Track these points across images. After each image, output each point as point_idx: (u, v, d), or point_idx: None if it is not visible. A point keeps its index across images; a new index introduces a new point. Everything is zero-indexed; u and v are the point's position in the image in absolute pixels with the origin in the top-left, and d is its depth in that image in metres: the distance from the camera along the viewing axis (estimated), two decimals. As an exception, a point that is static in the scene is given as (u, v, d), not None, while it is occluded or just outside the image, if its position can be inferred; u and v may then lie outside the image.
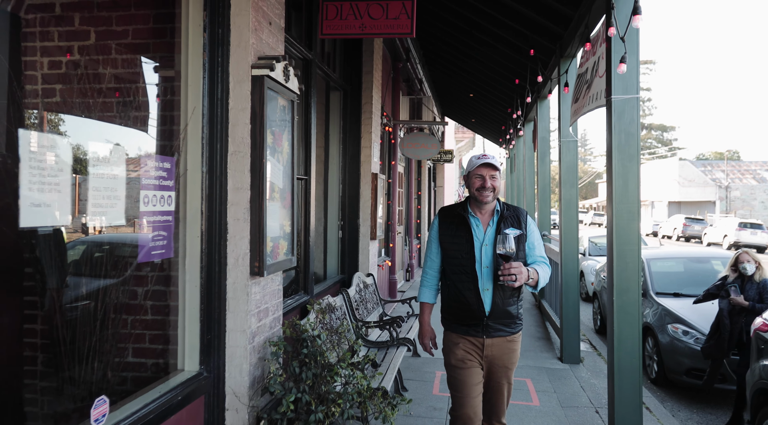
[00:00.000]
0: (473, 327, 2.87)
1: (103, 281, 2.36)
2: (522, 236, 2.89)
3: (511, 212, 2.96)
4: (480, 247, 2.87)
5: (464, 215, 2.92)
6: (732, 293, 4.80)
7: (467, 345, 2.90)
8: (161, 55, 3.23)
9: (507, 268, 2.69)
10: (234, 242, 2.95)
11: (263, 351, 3.15)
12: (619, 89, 3.81)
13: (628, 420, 3.77)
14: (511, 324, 2.91)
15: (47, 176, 1.84)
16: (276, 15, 3.33)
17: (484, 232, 2.90)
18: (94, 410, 2.08)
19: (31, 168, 1.77)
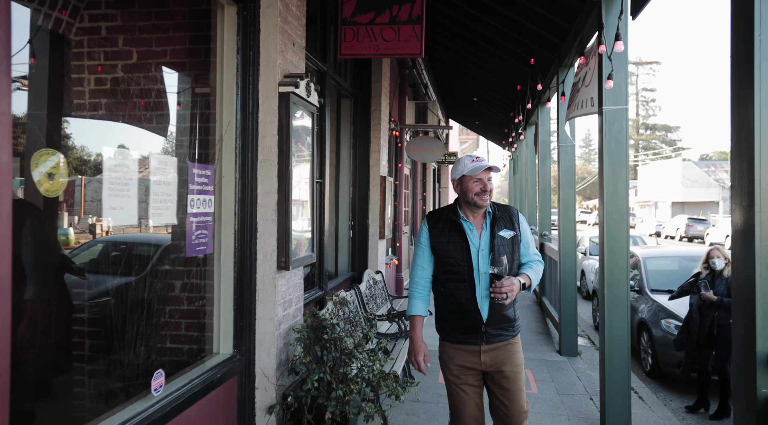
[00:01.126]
0: (472, 334, 2.78)
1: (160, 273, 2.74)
2: (516, 237, 2.83)
3: (503, 212, 2.87)
4: (477, 253, 2.76)
5: (457, 220, 2.81)
6: (702, 288, 5.15)
7: (464, 358, 2.82)
8: (196, 72, 3.60)
9: (499, 287, 2.63)
10: (263, 240, 3.33)
11: (288, 337, 3.52)
12: (610, 101, 4.17)
13: (617, 400, 4.13)
14: (510, 328, 2.83)
15: (121, 184, 2.22)
16: (298, 36, 3.70)
17: (479, 236, 2.79)
18: (154, 380, 2.47)
19: (110, 177, 2.15)
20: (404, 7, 3.85)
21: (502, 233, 2.78)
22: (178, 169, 2.75)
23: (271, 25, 3.32)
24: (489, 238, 2.77)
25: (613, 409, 4.16)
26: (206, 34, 3.49)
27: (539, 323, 8.24)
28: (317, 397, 3.16)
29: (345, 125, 6.49)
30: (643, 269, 7.82)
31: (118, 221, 2.25)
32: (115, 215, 2.21)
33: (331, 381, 3.18)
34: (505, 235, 2.78)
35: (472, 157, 2.84)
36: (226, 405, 3.11)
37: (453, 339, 2.85)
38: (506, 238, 2.79)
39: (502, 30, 6.74)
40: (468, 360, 2.82)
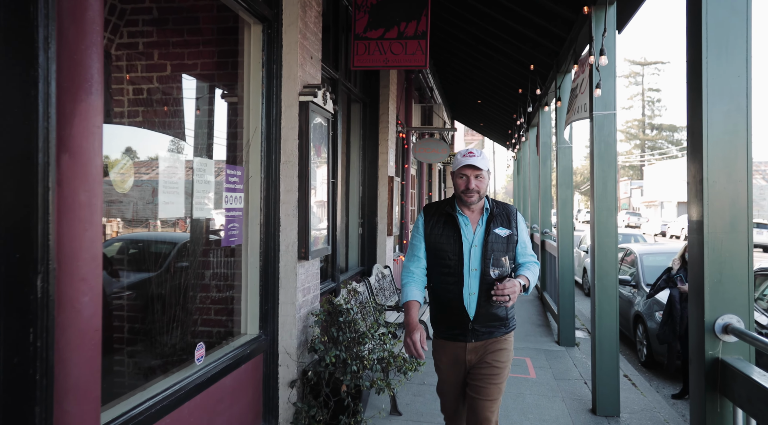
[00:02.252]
0: (460, 330, 2.74)
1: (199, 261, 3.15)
2: (512, 235, 2.77)
3: (500, 210, 2.81)
4: (469, 248, 2.70)
5: (452, 213, 2.77)
6: (678, 282, 5.51)
7: (453, 353, 2.79)
8: (224, 83, 4.01)
9: (501, 289, 2.56)
10: (285, 233, 3.73)
11: (307, 321, 3.92)
12: (599, 107, 4.55)
13: (607, 380, 4.51)
14: (500, 327, 2.76)
15: (172, 182, 2.62)
16: (315, 50, 4.11)
17: (473, 232, 2.74)
18: (197, 351, 2.87)
19: (164, 180, 2.56)
20: (411, 24, 4.26)
21: (497, 230, 2.72)
22: (213, 170, 3.15)
23: (292, 41, 3.72)
24: (483, 234, 2.71)
25: (603, 389, 4.54)
26: (233, 49, 3.89)
27: (540, 316, 8.61)
28: (334, 372, 3.56)
29: (355, 128, 6.89)
30: (639, 265, 8.18)
31: (170, 215, 2.66)
32: (168, 210, 2.62)
33: (347, 358, 3.57)
34: (500, 233, 2.72)
35: (464, 151, 2.77)
36: (254, 378, 3.51)
37: (443, 335, 2.82)
38: (501, 236, 2.73)
39: (504, 37, 7.12)
40: (457, 354, 2.78)
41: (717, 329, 2.26)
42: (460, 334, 2.75)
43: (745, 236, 2.26)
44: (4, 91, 1.74)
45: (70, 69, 1.81)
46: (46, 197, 1.77)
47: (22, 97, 1.74)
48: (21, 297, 1.75)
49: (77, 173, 1.83)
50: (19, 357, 1.76)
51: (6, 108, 1.74)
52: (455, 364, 2.80)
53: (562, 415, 4.56)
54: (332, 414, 3.57)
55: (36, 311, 1.75)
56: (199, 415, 2.81)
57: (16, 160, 1.74)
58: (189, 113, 3.66)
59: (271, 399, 3.66)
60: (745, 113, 2.26)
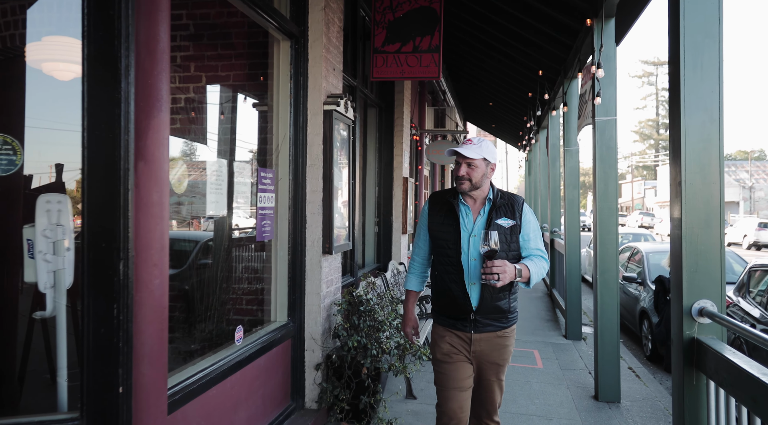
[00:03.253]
0: (461, 321, 2.72)
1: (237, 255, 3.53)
2: (515, 226, 2.71)
3: (505, 200, 2.75)
4: (468, 238, 2.68)
5: (453, 202, 2.74)
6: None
7: (454, 339, 2.76)
8: (254, 93, 4.40)
9: (489, 266, 2.52)
10: (311, 230, 4.10)
11: (330, 310, 4.29)
12: (601, 112, 4.87)
13: (608, 368, 4.83)
14: (502, 319, 2.73)
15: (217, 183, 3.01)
16: (337, 62, 4.48)
17: (473, 221, 2.72)
18: (237, 333, 3.26)
19: (212, 181, 2.94)
20: (425, 39, 4.62)
21: (500, 221, 2.68)
22: (249, 173, 3.53)
23: (317, 56, 4.09)
24: (484, 224, 2.68)
25: (605, 376, 4.87)
26: (263, 62, 4.27)
27: (549, 312, 8.93)
28: (356, 356, 3.92)
29: (371, 132, 7.26)
30: (646, 263, 8.46)
31: (216, 212, 3.04)
32: (214, 207, 3.00)
33: (367, 343, 3.93)
34: (503, 223, 2.68)
35: (465, 140, 2.78)
36: (283, 361, 3.89)
37: (444, 323, 2.81)
38: (504, 227, 2.68)
39: (513, 44, 7.45)
40: (458, 342, 2.76)
41: (693, 312, 2.59)
42: (461, 324, 2.72)
43: (717, 231, 2.59)
44: (94, 111, 2.13)
45: (145, 91, 2.20)
46: (126, 197, 2.15)
47: (107, 115, 2.13)
48: (107, 279, 2.14)
49: (150, 177, 2.21)
50: (105, 328, 2.14)
51: (95, 124, 2.13)
52: (458, 352, 2.76)
53: (566, 401, 4.89)
54: (354, 394, 3.94)
55: (119, 290, 2.14)
56: (238, 389, 3.19)
57: (103, 167, 2.13)
58: (225, 121, 4.05)
59: (298, 380, 4.04)
60: (718, 123, 2.59)
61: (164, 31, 2.25)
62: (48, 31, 2.76)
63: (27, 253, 2.47)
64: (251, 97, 4.37)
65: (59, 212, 2.54)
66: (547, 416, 4.50)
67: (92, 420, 2.15)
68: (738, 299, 5.42)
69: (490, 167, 2.75)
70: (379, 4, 4.80)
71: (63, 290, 2.46)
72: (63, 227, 2.48)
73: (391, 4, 4.76)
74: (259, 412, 3.48)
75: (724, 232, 2.61)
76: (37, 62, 2.75)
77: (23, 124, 2.56)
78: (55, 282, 2.47)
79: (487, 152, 2.72)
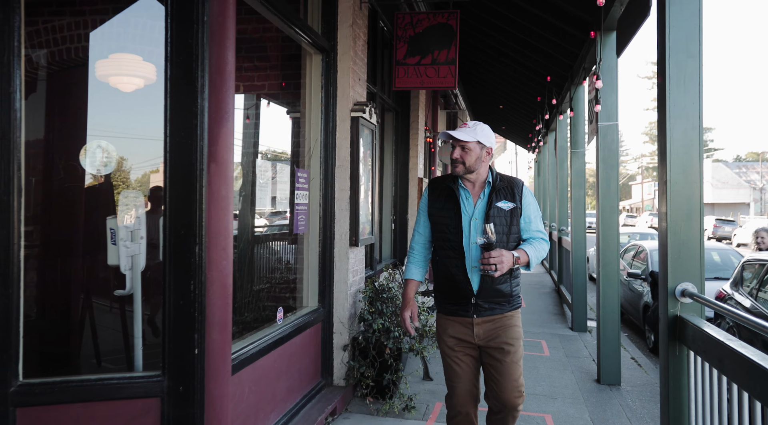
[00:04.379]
0: (462, 306, 2.74)
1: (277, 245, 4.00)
2: (516, 209, 2.73)
3: (504, 183, 2.78)
4: (468, 221, 2.71)
5: (453, 186, 2.76)
6: None
7: (457, 330, 2.79)
8: (287, 101, 4.86)
9: (486, 258, 2.55)
10: (339, 224, 4.55)
11: (355, 297, 4.74)
12: (604, 118, 5.28)
13: (610, 353, 5.24)
14: (504, 303, 2.75)
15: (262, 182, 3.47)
16: (362, 72, 4.93)
17: (473, 205, 2.74)
18: (278, 313, 3.71)
19: (261, 180, 3.40)
20: (442, 52, 5.07)
21: (500, 204, 2.71)
22: (288, 172, 4.00)
23: (345, 68, 4.54)
24: (485, 208, 2.71)
25: (606, 361, 5.28)
26: (296, 73, 4.73)
27: (556, 306, 9.33)
28: (380, 338, 4.36)
29: (388, 135, 7.71)
30: (649, 260, 8.84)
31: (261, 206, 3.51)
32: (261, 202, 3.47)
33: (390, 326, 4.38)
34: (503, 206, 2.71)
35: (461, 124, 2.97)
36: (314, 342, 4.34)
37: (446, 311, 2.83)
38: (504, 209, 2.71)
39: (522, 51, 7.87)
40: (461, 331, 2.78)
41: (677, 293, 3.01)
42: (462, 310, 2.74)
43: (698, 223, 3.01)
44: (176, 122, 2.59)
45: (216, 106, 2.66)
46: (201, 193, 2.61)
47: (186, 126, 2.59)
48: (185, 260, 2.60)
49: (220, 176, 2.67)
50: (183, 301, 2.60)
51: (176, 133, 2.59)
52: (462, 340, 2.78)
53: (570, 383, 5.31)
54: (378, 372, 4.38)
55: (195, 269, 2.60)
56: (280, 362, 3.65)
57: (184, 168, 2.59)
58: (263, 126, 4.51)
59: (327, 360, 4.49)
60: (698, 130, 3.01)
61: (231, 55, 2.71)
62: (112, 50, 3.23)
63: (110, 240, 2.95)
64: (284, 105, 4.83)
65: (135, 206, 3.03)
66: (552, 396, 4.92)
67: (173, 377, 2.61)
68: (732, 292, 5.79)
69: (485, 151, 2.75)
70: (400, 21, 5.26)
71: (138, 272, 2.94)
72: (139, 219, 2.96)
73: (412, 20, 5.23)
74: (295, 385, 3.93)
75: (703, 225, 3.03)
76: (104, 76, 3.22)
77: (85, 126, 3.01)
78: (132, 265, 2.96)
79: (482, 136, 2.73)
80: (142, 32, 3.14)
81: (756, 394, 2.14)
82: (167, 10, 2.62)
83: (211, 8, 2.64)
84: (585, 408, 4.65)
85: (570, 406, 4.69)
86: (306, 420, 3.81)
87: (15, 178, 2.41)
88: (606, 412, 4.60)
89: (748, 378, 2.20)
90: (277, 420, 3.60)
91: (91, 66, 3.17)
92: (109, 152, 2.74)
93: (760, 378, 2.11)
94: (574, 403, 4.77)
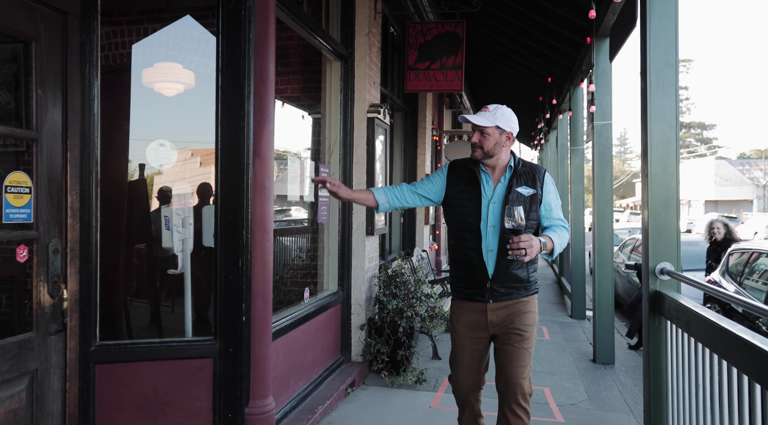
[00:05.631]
0: (478, 290, 2.72)
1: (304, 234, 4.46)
2: (536, 195, 2.69)
3: (526, 169, 2.74)
4: (487, 204, 2.67)
5: (474, 169, 2.73)
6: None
7: (471, 317, 2.77)
8: (308, 104, 5.31)
9: (516, 242, 2.45)
10: (356, 215, 5.01)
11: (371, 282, 5.20)
12: (599, 117, 5.72)
13: (604, 334, 5.69)
14: (520, 288, 2.72)
15: (292, 177, 3.93)
16: (376, 76, 5.38)
17: (493, 188, 2.71)
18: (305, 293, 4.18)
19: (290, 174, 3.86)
20: (450, 58, 5.53)
21: (519, 189, 2.68)
22: (311, 168, 4.46)
23: (362, 73, 5.00)
24: (504, 192, 2.68)
25: (601, 342, 5.72)
26: (316, 77, 5.18)
27: (557, 296, 9.78)
28: (394, 318, 4.82)
29: (398, 133, 8.16)
30: (646, 252, 9.26)
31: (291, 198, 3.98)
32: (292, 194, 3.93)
33: (403, 307, 4.84)
34: (522, 191, 2.68)
35: (483, 108, 2.78)
36: (335, 321, 4.80)
37: (461, 296, 2.80)
38: (524, 195, 2.67)
39: (524, 53, 8.30)
40: (475, 319, 2.76)
41: (656, 271, 3.45)
42: (477, 294, 2.72)
43: (674, 211, 3.45)
44: (226, 124, 3.05)
45: (260, 110, 3.11)
46: (247, 184, 3.07)
47: (235, 127, 3.05)
48: (234, 241, 3.06)
49: (262, 170, 3.13)
50: (232, 276, 3.07)
51: (227, 133, 3.05)
52: (474, 328, 2.77)
53: (568, 362, 5.75)
54: (392, 349, 4.84)
55: (242, 249, 3.06)
56: (306, 337, 4.11)
57: (233, 163, 3.05)
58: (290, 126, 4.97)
59: (346, 338, 4.95)
60: (675, 130, 3.44)
61: (272, 67, 3.16)
62: (156, 60, 3.68)
63: (164, 226, 3.43)
64: (305, 107, 5.29)
65: (185, 196, 3.50)
66: (551, 372, 5.37)
67: (224, 341, 3.08)
68: (720, 279, 6.22)
69: (505, 136, 2.72)
70: (412, 30, 5.73)
71: (188, 254, 3.41)
72: (189, 207, 3.43)
73: (422, 29, 5.69)
74: (319, 358, 4.40)
75: (679, 211, 3.48)
76: (150, 83, 3.68)
77: (128, 125, 3.46)
78: (183, 248, 3.42)
79: (502, 120, 2.70)
80: (182, 43, 3.59)
81: (713, 348, 2.59)
82: (218, 29, 3.08)
83: (256, 28, 3.10)
84: (581, 383, 5.10)
85: (567, 381, 5.14)
86: (329, 388, 4.27)
87: (93, 172, 2.87)
88: (599, 386, 5.04)
89: (706, 335, 2.65)
90: (304, 388, 4.06)
91: (136, 73, 3.61)
92: (168, 150, 3.21)
93: (716, 334, 2.56)
94: (571, 378, 5.22)
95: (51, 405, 2.68)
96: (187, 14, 3.42)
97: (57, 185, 2.70)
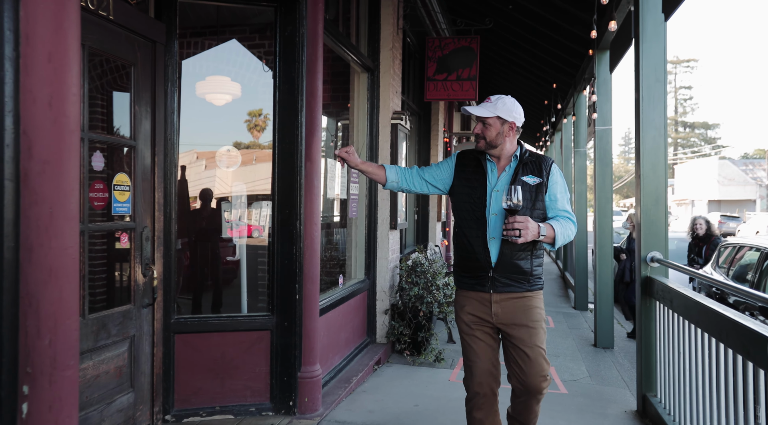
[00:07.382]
0: (480, 279, 2.68)
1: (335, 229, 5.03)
2: (541, 185, 2.66)
3: (533, 158, 2.73)
4: (491, 192, 2.67)
5: (480, 158, 2.76)
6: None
7: (475, 307, 2.73)
8: (337, 111, 5.87)
9: (511, 222, 2.46)
10: (381, 211, 5.58)
11: (393, 272, 5.77)
12: (600, 123, 6.27)
13: (604, 322, 6.24)
14: (523, 281, 2.66)
15: (329, 176, 4.50)
16: (398, 86, 5.95)
17: (497, 177, 2.71)
18: (340, 279, 4.75)
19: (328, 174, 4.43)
20: (465, 70, 6.10)
21: (525, 178, 2.67)
22: (339, 170, 5.03)
23: (386, 83, 5.57)
24: (508, 180, 2.67)
25: (601, 328, 6.28)
26: (344, 87, 5.74)
27: (561, 290, 10.33)
28: (415, 303, 5.39)
29: (413, 135, 8.70)
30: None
31: (330, 195, 4.55)
32: (329, 192, 4.50)
33: (423, 293, 5.40)
34: (528, 180, 2.66)
35: (486, 98, 2.81)
36: (362, 307, 5.37)
37: (464, 285, 2.78)
38: (529, 184, 2.66)
39: (532, 61, 8.85)
40: (479, 309, 2.72)
41: (648, 259, 4.01)
42: (479, 283, 2.69)
43: (663, 207, 4.00)
44: (284, 133, 3.62)
45: (310, 121, 3.68)
46: (300, 183, 3.64)
47: (290, 136, 3.62)
48: (289, 231, 3.63)
49: (313, 171, 3.69)
50: (288, 261, 3.64)
51: (283, 140, 3.62)
52: (479, 321, 2.73)
53: (571, 346, 6.31)
54: (413, 331, 5.40)
55: (296, 238, 3.63)
56: (341, 318, 4.67)
57: (289, 166, 3.62)
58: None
59: (371, 322, 5.52)
60: (663, 136, 3.99)
61: (320, 84, 3.73)
62: (208, 73, 4.24)
63: (224, 220, 4.00)
64: (334, 115, 5.85)
65: (241, 195, 4.06)
66: (555, 354, 5.93)
67: (279, 315, 3.65)
68: (711, 272, 6.75)
69: (507, 126, 2.72)
70: (430, 44, 6.30)
71: (244, 243, 3.98)
72: (244, 204, 3.99)
73: (440, 44, 6.27)
74: (350, 337, 4.96)
75: (668, 207, 4.03)
76: (202, 94, 4.24)
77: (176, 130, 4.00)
78: (239, 238, 4.00)
79: (503, 110, 2.71)
80: (228, 58, 4.12)
81: (690, 318, 3.15)
82: (276, 52, 3.65)
83: (308, 50, 3.67)
84: (582, 363, 5.66)
85: (570, 362, 5.70)
86: (360, 364, 4.84)
87: (173, 173, 3.45)
88: (599, 366, 5.60)
89: (685, 308, 3.21)
90: (340, 362, 4.63)
91: (189, 84, 4.15)
92: (235, 154, 3.78)
93: (691, 307, 3.12)
94: (574, 360, 5.77)
95: (144, 365, 3.26)
96: (234, 38, 3.98)
97: (148, 184, 3.28)
